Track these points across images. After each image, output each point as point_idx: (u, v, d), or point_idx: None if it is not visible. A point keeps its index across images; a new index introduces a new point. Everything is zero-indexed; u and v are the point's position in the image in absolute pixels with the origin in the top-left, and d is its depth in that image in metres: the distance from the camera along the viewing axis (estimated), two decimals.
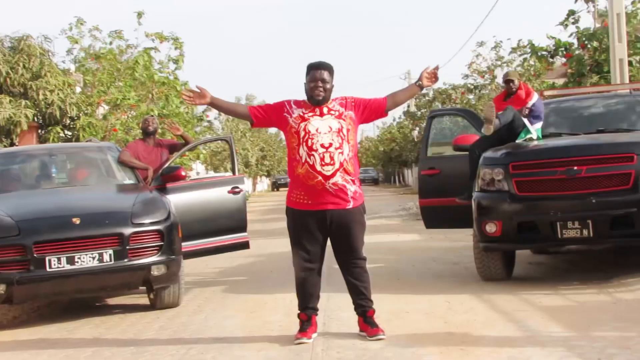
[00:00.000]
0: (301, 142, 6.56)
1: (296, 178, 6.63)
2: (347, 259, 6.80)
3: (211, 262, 12.80)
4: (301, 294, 6.87)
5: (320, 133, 6.55)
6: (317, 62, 6.76)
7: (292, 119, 6.64)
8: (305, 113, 6.65)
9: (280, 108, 6.75)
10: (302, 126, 6.58)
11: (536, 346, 6.01)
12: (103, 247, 7.96)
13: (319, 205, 6.60)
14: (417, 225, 18.83)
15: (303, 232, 6.70)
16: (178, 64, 22.26)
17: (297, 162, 6.58)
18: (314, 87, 6.63)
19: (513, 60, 28.43)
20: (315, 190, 6.56)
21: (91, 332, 7.94)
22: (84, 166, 10.29)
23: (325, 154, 6.51)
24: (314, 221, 6.64)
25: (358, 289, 6.82)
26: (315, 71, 6.66)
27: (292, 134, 6.63)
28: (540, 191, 8.59)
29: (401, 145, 52.05)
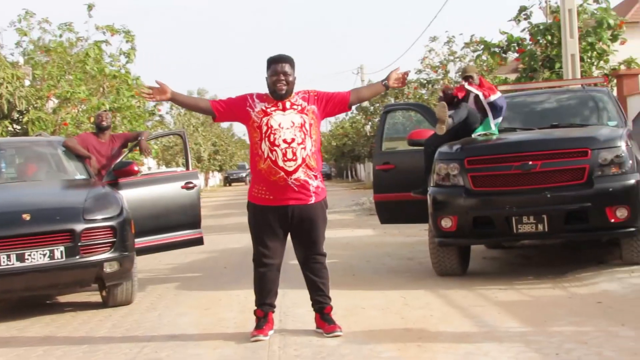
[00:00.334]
0: (263, 137, 6.48)
1: (258, 173, 6.56)
2: (307, 255, 6.74)
3: (164, 259, 12.68)
4: (259, 290, 6.78)
5: (282, 128, 6.47)
6: (278, 55, 6.68)
7: (255, 113, 6.56)
8: (267, 107, 6.56)
9: (242, 102, 6.65)
10: (265, 121, 6.50)
11: (493, 341, 6.00)
12: (54, 243, 7.81)
13: (281, 200, 6.53)
14: (370, 220, 18.89)
15: (264, 227, 6.63)
16: (129, 58, 21.98)
17: (259, 157, 6.51)
18: (276, 80, 6.54)
19: (466, 56, 28.63)
20: (277, 185, 6.49)
21: (42, 330, 7.78)
22: (33, 161, 10.09)
23: (287, 150, 6.44)
24: (275, 217, 6.58)
25: (317, 285, 6.76)
26: (277, 64, 6.58)
27: (254, 128, 6.55)
28: (496, 186, 8.61)
29: (354, 140, 52.09)
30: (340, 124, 62.16)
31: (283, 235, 6.70)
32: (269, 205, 6.56)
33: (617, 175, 8.29)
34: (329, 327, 6.64)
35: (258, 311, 6.78)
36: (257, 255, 6.72)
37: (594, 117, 10.08)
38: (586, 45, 17.45)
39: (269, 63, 6.62)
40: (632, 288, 7.73)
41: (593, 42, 17.29)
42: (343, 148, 58.24)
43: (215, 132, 66.97)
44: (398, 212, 10.64)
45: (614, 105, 10.12)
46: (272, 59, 6.64)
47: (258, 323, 6.75)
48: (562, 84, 12.89)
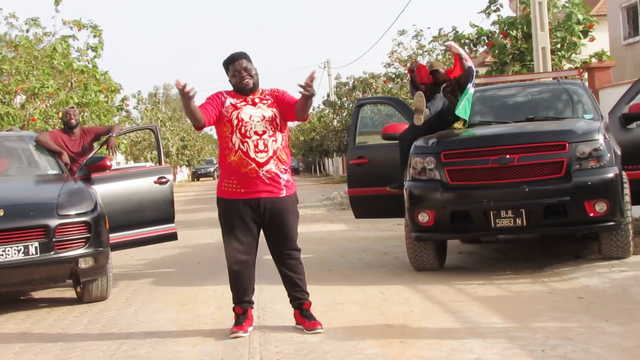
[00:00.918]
0: (234, 130, 6.45)
1: (228, 166, 6.49)
2: (281, 250, 6.67)
3: (136, 254, 12.58)
4: (236, 287, 6.69)
5: (253, 121, 6.47)
6: (230, 55, 6.66)
7: (225, 108, 6.52)
8: (237, 102, 6.55)
9: (219, 99, 6.58)
10: (235, 114, 6.49)
11: (477, 338, 5.94)
12: (28, 239, 7.71)
13: (252, 193, 6.47)
14: (342, 215, 18.88)
15: (236, 221, 6.53)
16: (97, 52, 21.80)
17: (229, 150, 6.47)
18: (240, 78, 6.56)
19: (434, 49, 28.66)
20: (248, 178, 6.43)
21: (17, 327, 7.67)
22: (4, 156, 9.92)
23: (259, 141, 6.43)
24: (247, 210, 6.50)
25: (293, 281, 6.71)
26: (234, 64, 6.59)
27: (224, 122, 6.51)
28: (473, 180, 8.57)
29: (322, 134, 52.03)
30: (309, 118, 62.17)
31: (256, 230, 6.62)
32: (240, 198, 6.49)
33: (595, 169, 8.27)
34: (310, 324, 6.58)
35: (237, 308, 6.70)
36: (231, 252, 6.62)
37: (569, 110, 10.08)
38: (557, 39, 17.51)
39: (226, 65, 6.64)
40: (612, 283, 7.70)
41: (564, 35, 17.34)
42: (311, 143, 58.15)
43: (183, 127, 66.68)
44: (373, 206, 10.61)
45: (589, 98, 10.13)
46: (228, 61, 6.64)
47: (237, 320, 6.67)
48: (536, 77, 12.88)
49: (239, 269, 6.63)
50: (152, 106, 54.50)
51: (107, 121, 20.90)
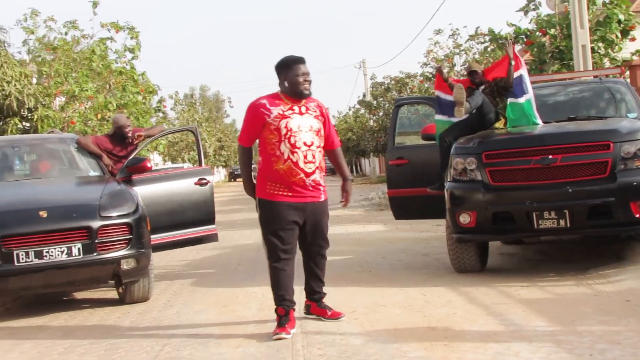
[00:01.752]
0: (282, 139, 6.56)
1: (275, 172, 6.61)
2: (315, 248, 6.93)
3: (176, 255, 12.63)
4: (279, 288, 6.73)
5: (301, 131, 6.61)
6: (290, 58, 6.76)
7: (272, 118, 6.61)
8: (284, 110, 6.64)
9: (260, 119, 6.65)
10: (284, 123, 6.58)
11: (522, 341, 5.86)
12: (71, 240, 7.76)
13: (298, 198, 6.66)
14: (381, 215, 18.82)
15: (281, 223, 6.64)
16: (134, 54, 21.97)
17: (277, 157, 6.58)
18: (303, 81, 6.65)
19: (471, 48, 28.53)
20: (295, 185, 6.62)
21: (61, 328, 7.74)
22: (46, 158, 10.03)
23: (307, 152, 6.62)
24: (292, 212, 6.65)
25: (319, 277, 7.05)
26: (295, 67, 6.66)
27: (270, 130, 6.60)
28: (515, 181, 8.46)
29: (358, 134, 51.98)
30: (344, 118, 62.07)
31: (297, 231, 6.74)
32: (287, 201, 6.64)
33: None
34: (334, 313, 7.02)
35: (279, 309, 6.72)
36: (275, 252, 6.67)
37: (612, 109, 9.96)
38: (597, 37, 17.35)
39: (291, 63, 6.68)
40: None
41: (603, 34, 17.17)
42: (347, 143, 58.11)
43: (219, 128, 66.94)
44: (413, 207, 10.55)
45: (633, 97, 9.99)
46: (294, 60, 6.71)
47: (280, 321, 6.68)
48: (577, 76, 12.74)
49: (281, 269, 6.70)
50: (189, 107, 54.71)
51: (145, 122, 21.09)
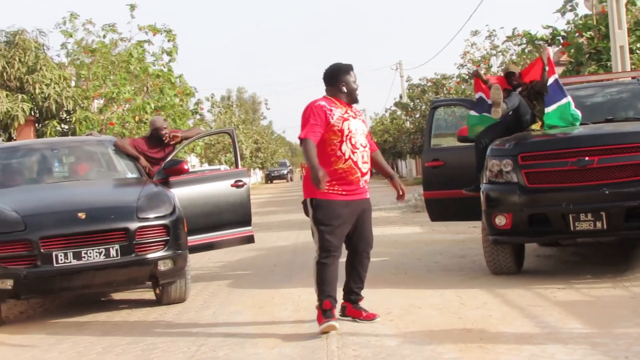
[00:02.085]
0: (344, 140, 6.84)
1: (334, 172, 6.83)
2: (362, 247, 7.10)
3: (213, 256, 12.71)
4: (327, 283, 6.87)
5: (358, 133, 6.93)
6: (345, 64, 7.19)
7: (335, 119, 6.85)
8: (343, 113, 6.91)
9: (325, 116, 6.84)
10: (346, 125, 6.87)
11: (558, 343, 5.85)
12: (109, 242, 7.84)
13: (353, 196, 6.92)
14: (417, 217, 18.78)
15: (336, 221, 6.84)
16: (171, 56, 22.15)
17: (337, 157, 6.83)
18: (356, 87, 7.07)
19: (508, 49, 28.40)
20: (352, 184, 6.89)
21: (99, 328, 7.83)
22: (85, 160, 10.14)
23: (364, 153, 6.96)
24: (346, 210, 6.88)
25: (361, 278, 7.19)
26: (350, 73, 7.07)
27: (333, 131, 6.83)
28: (551, 182, 8.42)
29: (394, 136, 51.93)
30: (381, 120, 62.02)
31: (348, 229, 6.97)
32: (342, 199, 6.87)
33: None
34: (369, 314, 7.12)
35: (326, 303, 6.82)
36: (327, 249, 6.82)
37: None
38: (635, 38, 17.19)
39: (349, 69, 7.08)
40: None
41: None
42: (384, 145, 58.06)
43: (256, 130, 67.12)
44: (449, 209, 10.52)
45: None
46: (350, 67, 7.12)
47: (325, 313, 6.80)
48: (614, 77, 12.63)
49: (330, 265, 6.86)
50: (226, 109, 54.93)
51: (182, 124, 21.22)
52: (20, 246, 7.66)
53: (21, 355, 6.89)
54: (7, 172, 9.52)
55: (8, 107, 17.19)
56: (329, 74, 7.09)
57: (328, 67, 7.17)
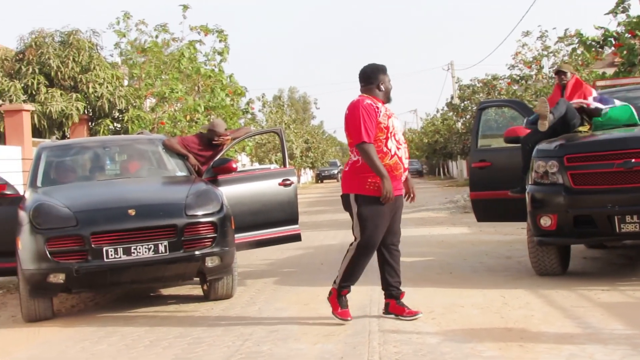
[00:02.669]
0: (389, 136, 7.07)
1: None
2: (391, 242, 7.31)
3: (260, 254, 12.84)
4: (355, 274, 7.22)
5: (398, 130, 7.20)
6: (382, 65, 7.34)
7: (381, 116, 7.07)
8: (386, 111, 7.14)
9: (375, 116, 7.03)
10: (391, 122, 7.10)
11: (598, 344, 5.89)
12: (158, 238, 8.01)
13: (395, 191, 7.11)
14: (465, 218, 18.77)
15: (380, 217, 7.07)
16: (223, 57, 22.33)
17: (384, 153, 7.02)
18: (391, 88, 7.33)
19: (560, 50, 28.20)
20: (395, 179, 7.12)
21: (147, 321, 8.00)
22: (136, 158, 10.35)
23: (405, 149, 7.23)
24: (390, 207, 7.11)
25: (396, 272, 7.36)
26: (387, 74, 7.31)
27: (380, 128, 7.05)
28: (597, 184, 8.42)
29: (445, 136, 51.83)
30: (431, 120, 61.90)
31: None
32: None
33: None
34: (410, 311, 7.24)
35: (344, 290, 7.25)
36: (370, 244, 7.10)
37: None
38: None
39: (384, 70, 7.32)
40: None
41: None
42: (435, 145, 57.93)
43: (307, 130, 67.31)
44: (495, 210, 10.55)
45: None
46: (385, 67, 7.35)
47: (341, 302, 7.23)
48: None
49: (367, 258, 7.19)
50: (277, 109, 55.21)
51: (233, 124, 21.41)
52: (72, 241, 7.86)
53: (72, 347, 7.08)
54: (60, 169, 9.77)
55: (62, 106, 17.52)
56: (367, 74, 7.29)
57: (365, 66, 7.37)
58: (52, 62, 18.28)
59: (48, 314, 8.42)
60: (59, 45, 19.00)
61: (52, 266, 7.81)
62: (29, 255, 7.93)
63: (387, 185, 6.89)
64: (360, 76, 7.34)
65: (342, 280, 7.22)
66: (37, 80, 18.05)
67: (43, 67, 18.37)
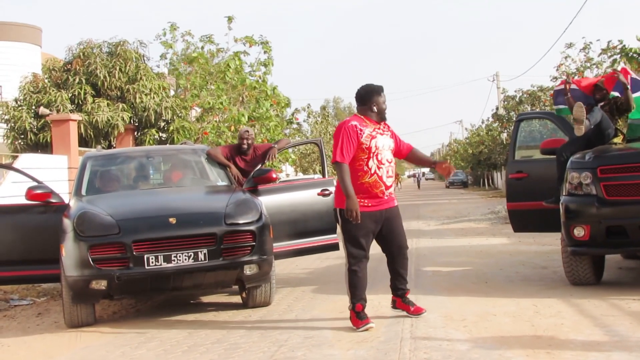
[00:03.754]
0: (371, 156, 7.55)
1: (361, 185, 7.54)
2: (398, 249, 7.84)
3: (300, 263, 13.04)
4: (359, 287, 7.60)
5: (384, 149, 7.64)
6: (378, 85, 7.77)
7: (364, 137, 7.55)
8: (372, 131, 7.60)
9: (356, 136, 7.51)
10: (373, 143, 7.56)
11: (623, 351, 6.02)
12: (198, 246, 8.21)
13: (376, 207, 7.61)
14: (505, 228, 18.79)
15: (363, 230, 7.53)
16: (267, 68, 22.53)
17: (364, 172, 7.53)
18: (385, 107, 7.75)
19: (603, 62, 28.06)
20: (376, 197, 7.60)
21: (186, 328, 8.22)
22: (178, 168, 10.59)
23: (389, 168, 7.68)
24: (370, 221, 7.57)
25: (402, 275, 7.91)
26: (382, 94, 7.75)
27: (362, 149, 7.54)
28: (629, 195, 8.53)
29: (490, 147, 51.67)
30: (477, 131, 61.70)
31: (373, 238, 7.71)
32: (367, 211, 7.54)
33: None
34: (416, 308, 7.83)
35: (358, 306, 7.57)
36: (355, 256, 7.58)
37: None
38: None
39: (380, 91, 7.74)
40: None
41: None
42: (479, 156, 57.70)
43: None
44: (531, 220, 10.67)
45: None
46: (381, 88, 7.77)
47: (359, 315, 7.52)
48: None
49: (359, 270, 7.61)
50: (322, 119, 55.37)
51: (277, 135, 21.61)
52: (114, 249, 8.10)
53: (112, 352, 7.33)
54: (104, 178, 10.04)
55: (109, 116, 17.89)
56: (361, 95, 7.77)
57: (360, 87, 7.82)
58: (99, 72, 18.67)
59: (90, 320, 8.67)
60: (107, 55, 19.39)
61: (94, 273, 8.05)
62: (72, 262, 8.18)
63: (349, 205, 7.37)
64: (355, 97, 7.86)
65: (351, 297, 7.61)
66: (84, 91, 18.44)
67: (90, 77, 18.77)
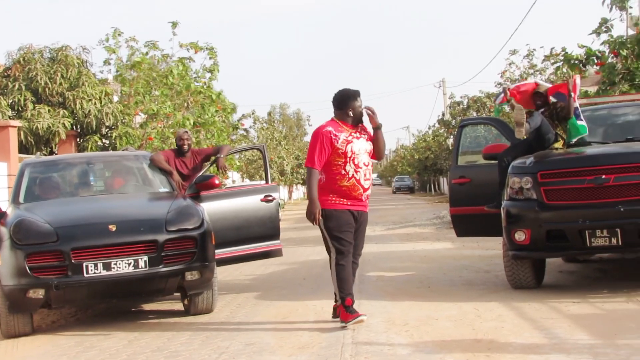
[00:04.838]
0: (348, 161, 7.69)
1: (339, 188, 7.72)
2: (357, 253, 7.96)
3: (245, 269, 12.97)
4: (345, 281, 7.67)
5: (361, 153, 7.75)
6: (354, 90, 7.89)
7: (340, 143, 7.69)
8: (348, 136, 7.72)
9: (330, 142, 7.67)
10: (350, 147, 7.70)
11: (561, 353, 6.09)
12: (138, 253, 8.13)
13: (355, 207, 7.81)
14: (450, 233, 18.86)
15: (346, 226, 7.72)
16: (213, 74, 22.42)
17: (342, 176, 7.70)
18: (360, 112, 7.82)
19: (546, 69, 28.43)
20: (355, 198, 7.78)
21: (127, 336, 8.11)
22: (121, 174, 10.47)
23: (366, 171, 7.82)
24: (351, 218, 7.78)
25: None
26: (357, 99, 7.83)
27: (338, 154, 7.68)
28: (569, 199, 8.64)
29: (436, 153, 52.08)
30: (423, 137, 62.15)
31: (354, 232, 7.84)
32: (348, 209, 7.76)
33: None
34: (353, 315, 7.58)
35: (348, 300, 7.62)
36: (342, 251, 7.70)
37: None
38: None
39: (356, 95, 7.85)
40: None
41: None
42: (426, 161, 58.15)
43: (298, 146, 67.42)
44: (474, 225, 10.73)
45: None
46: (357, 93, 7.88)
47: (349, 309, 7.55)
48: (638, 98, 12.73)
49: (346, 265, 7.71)
50: (268, 125, 55.32)
51: (222, 140, 21.49)
52: (52, 257, 7.98)
53: None
54: (43, 185, 9.88)
55: (50, 123, 17.63)
56: (338, 99, 7.85)
57: (337, 92, 7.89)
58: (40, 78, 18.38)
59: (27, 330, 8.49)
60: (48, 61, 19.11)
61: (31, 282, 7.92)
62: (9, 270, 8.04)
63: (310, 208, 7.65)
64: (332, 101, 7.90)
65: (339, 291, 7.67)
66: (24, 97, 18.15)
67: (31, 84, 18.49)
